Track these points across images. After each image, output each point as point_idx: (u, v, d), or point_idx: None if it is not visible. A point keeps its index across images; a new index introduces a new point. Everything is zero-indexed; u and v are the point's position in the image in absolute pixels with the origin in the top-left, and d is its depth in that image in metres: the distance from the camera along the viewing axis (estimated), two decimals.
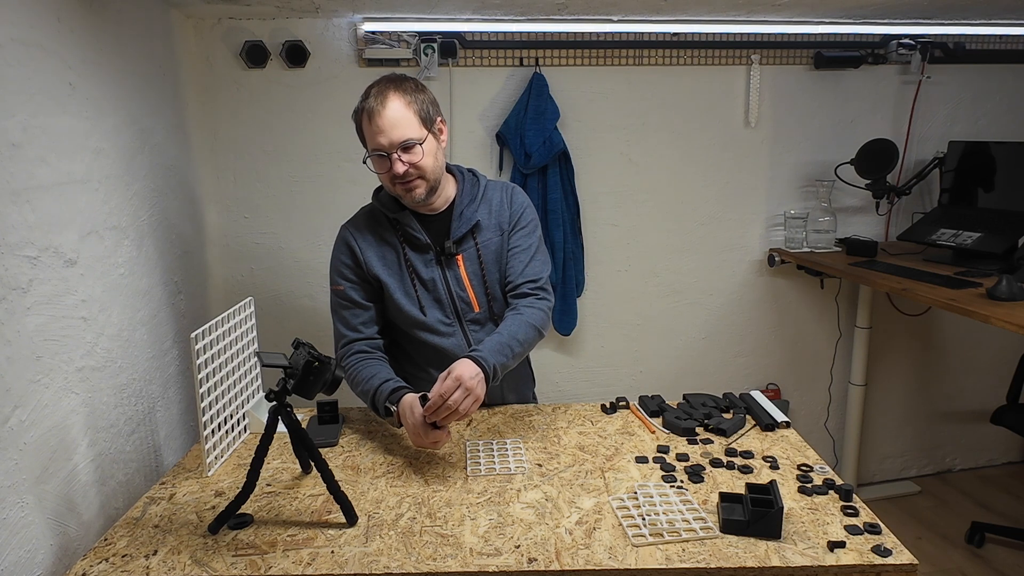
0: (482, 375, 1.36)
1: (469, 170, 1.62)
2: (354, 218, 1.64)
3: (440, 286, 1.55)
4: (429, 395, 1.34)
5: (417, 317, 1.55)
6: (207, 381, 1.37)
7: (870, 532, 1.17)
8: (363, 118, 1.46)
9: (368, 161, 1.50)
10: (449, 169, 1.60)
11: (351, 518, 1.21)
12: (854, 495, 1.28)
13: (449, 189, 1.58)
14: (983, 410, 2.95)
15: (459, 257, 1.56)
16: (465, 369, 1.34)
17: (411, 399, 1.41)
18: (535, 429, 1.59)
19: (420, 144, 1.44)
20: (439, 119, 1.51)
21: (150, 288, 1.75)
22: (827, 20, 2.50)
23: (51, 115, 1.33)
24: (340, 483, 1.23)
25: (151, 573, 1.10)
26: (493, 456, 1.46)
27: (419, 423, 1.36)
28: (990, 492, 2.96)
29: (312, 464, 1.27)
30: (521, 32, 2.41)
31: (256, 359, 1.63)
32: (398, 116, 1.42)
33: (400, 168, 1.43)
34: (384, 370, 1.53)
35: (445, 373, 1.34)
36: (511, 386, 1.71)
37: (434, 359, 1.57)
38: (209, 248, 2.34)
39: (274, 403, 1.22)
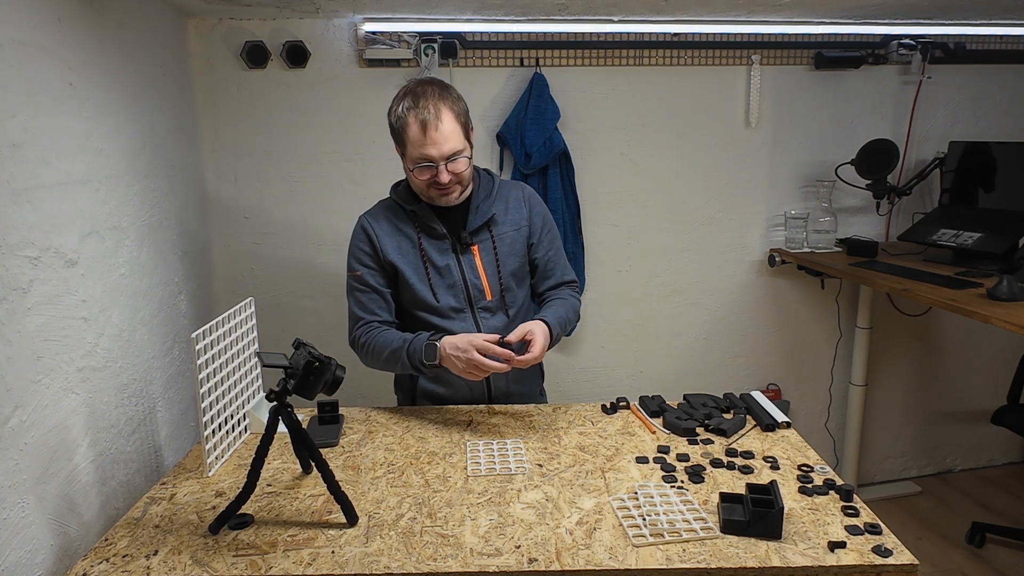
0: (549, 337, 1.54)
1: (484, 170, 1.72)
2: (372, 209, 1.70)
3: (455, 273, 1.62)
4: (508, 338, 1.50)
5: (430, 301, 1.61)
6: (208, 381, 1.37)
7: (871, 532, 1.17)
8: (412, 125, 1.50)
9: (406, 165, 1.57)
10: None
11: (351, 518, 1.21)
12: (855, 495, 1.28)
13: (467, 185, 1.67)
14: (983, 410, 2.94)
15: (475, 247, 1.64)
16: (539, 325, 1.53)
17: (457, 336, 1.52)
18: (535, 429, 1.59)
19: (465, 150, 1.55)
20: (471, 129, 1.61)
21: (151, 288, 1.75)
22: (827, 20, 2.50)
23: (52, 115, 1.33)
24: (340, 483, 1.23)
25: (152, 573, 1.10)
26: (493, 456, 1.46)
27: (472, 352, 1.46)
28: (990, 492, 2.96)
29: (312, 464, 1.28)
30: (521, 32, 2.41)
31: (256, 359, 1.63)
32: (450, 131, 1.50)
33: (445, 178, 1.52)
34: (408, 334, 1.60)
35: (522, 328, 1.51)
36: (515, 377, 1.70)
37: None
38: (209, 248, 2.35)
39: (275, 403, 1.22)
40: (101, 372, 1.46)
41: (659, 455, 1.46)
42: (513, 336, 1.51)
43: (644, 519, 1.20)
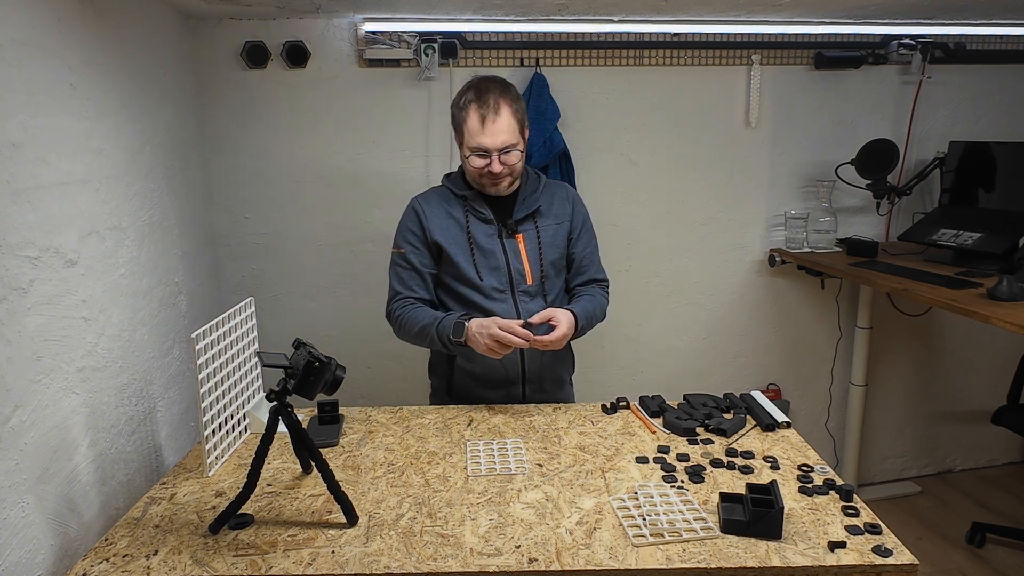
0: (574, 327, 1.63)
1: (533, 169, 1.83)
2: (424, 193, 1.80)
3: (499, 256, 1.71)
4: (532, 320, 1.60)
5: (474, 280, 1.69)
6: (208, 381, 1.37)
7: (871, 532, 1.17)
8: (472, 116, 1.62)
9: (463, 153, 1.67)
10: None
11: (351, 518, 1.21)
12: (855, 495, 1.28)
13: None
14: (984, 410, 2.94)
15: (519, 235, 1.73)
16: (565, 313, 1.62)
17: (482, 319, 1.60)
18: (536, 429, 1.59)
19: (518, 145, 1.65)
20: (527, 126, 1.72)
21: (151, 288, 1.75)
22: (827, 20, 2.50)
23: (52, 115, 1.33)
24: (341, 483, 1.23)
25: (152, 573, 1.10)
26: (494, 456, 1.46)
27: (494, 328, 1.55)
28: (991, 492, 2.96)
29: (313, 464, 1.28)
30: (522, 32, 2.41)
31: (256, 359, 1.63)
32: (505, 125, 1.62)
33: (497, 168, 1.63)
34: (440, 312, 1.70)
35: (547, 312, 1.61)
36: (548, 363, 1.77)
37: None
38: (209, 248, 2.34)
39: (275, 403, 1.22)
40: (101, 372, 1.46)
41: (659, 455, 1.46)
42: (536, 318, 1.60)
43: (644, 519, 1.20)
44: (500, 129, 1.61)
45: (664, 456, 1.45)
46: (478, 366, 1.72)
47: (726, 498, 1.22)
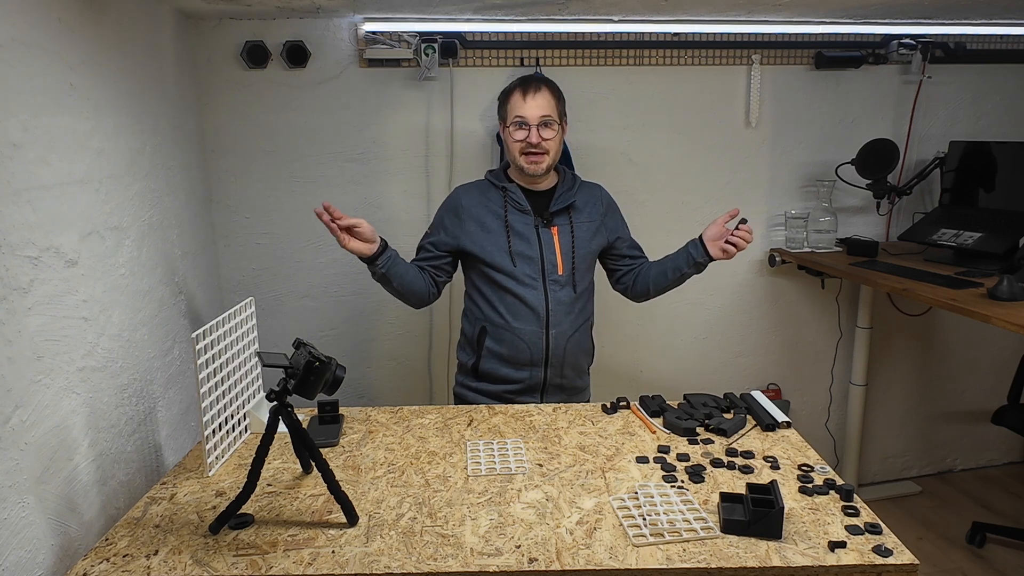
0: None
1: (570, 172, 1.94)
2: (467, 183, 1.93)
3: (534, 246, 1.81)
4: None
5: (508, 267, 1.79)
6: (208, 381, 1.37)
7: (871, 532, 1.17)
8: (516, 93, 1.78)
9: (508, 129, 1.80)
10: (556, 168, 1.91)
11: (352, 518, 1.21)
12: (855, 495, 1.28)
13: (552, 178, 1.89)
14: (984, 410, 2.94)
15: (554, 228, 1.83)
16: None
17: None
18: (536, 429, 1.59)
19: (555, 125, 1.77)
20: (566, 121, 1.87)
21: (151, 288, 1.75)
22: (828, 20, 2.50)
23: (52, 115, 1.33)
24: (341, 483, 1.23)
25: (152, 573, 1.10)
26: (494, 456, 1.46)
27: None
28: (991, 492, 2.96)
29: (313, 464, 1.28)
30: (522, 32, 2.40)
31: (257, 359, 1.63)
32: (545, 101, 1.77)
33: (535, 138, 1.75)
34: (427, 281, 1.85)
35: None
36: (572, 349, 1.84)
37: (514, 309, 1.80)
38: (210, 248, 2.34)
39: (275, 403, 1.22)
40: (101, 372, 1.46)
41: (659, 455, 1.46)
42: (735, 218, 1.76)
43: (644, 519, 1.20)
44: (539, 103, 1.75)
45: (664, 456, 1.45)
46: (505, 347, 1.82)
47: (726, 498, 1.22)
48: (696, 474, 1.36)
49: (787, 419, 1.59)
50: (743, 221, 1.75)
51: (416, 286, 1.81)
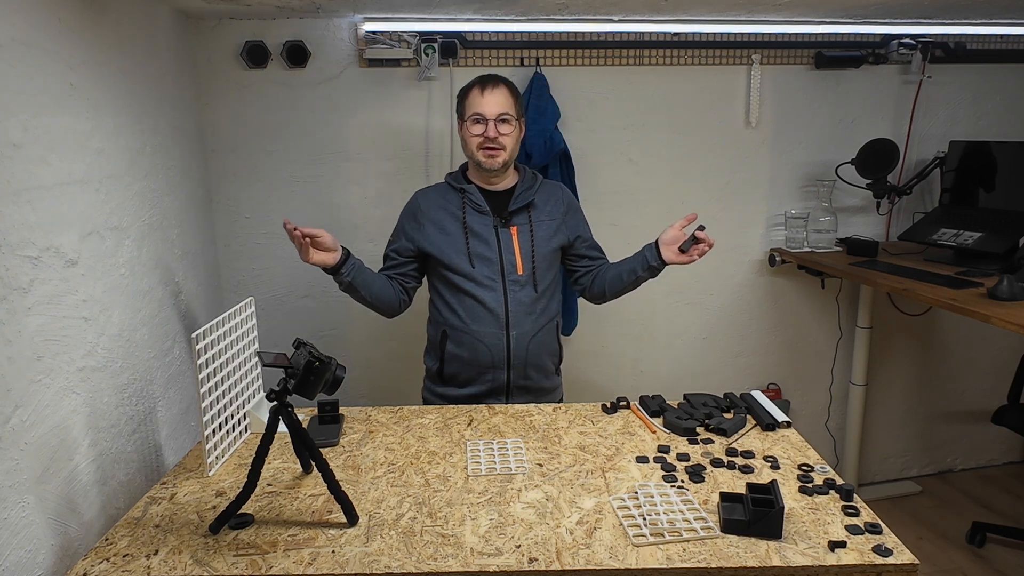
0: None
1: (531, 171, 1.93)
2: (427, 187, 1.93)
3: (493, 246, 1.80)
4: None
5: (466, 269, 1.78)
6: (208, 381, 1.37)
7: (871, 532, 1.17)
8: (474, 89, 1.79)
9: (465, 125, 1.80)
10: (515, 166, 1.90)
11: (352, 518, 1.21)
12: (855, 495, 1.28)
13: (512, 177, 1.88)
14: (984, 410, 2.94)
15: (513, 228, 1.82)
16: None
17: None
18: (536, 429, 1.59)
19: (512, 122, 1.78)
20: (523, 119, 1.88)
21: (151, 288, 1.75)
22: (828, 20, 2.50)
23: (52, 115, 1.33)
24: (341, 483, 1.23)
25: (152, 573, 1.10)
26: (494, 456, 1.46)
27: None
28: (991, 492, 2.96)
29: (313, 464, 1.28)
30: (522, 32, 2.40)
31: (257, 359, 1.63)
32: (503, 98, 1.78)
33: (493, 132, 1.75)
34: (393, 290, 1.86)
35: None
36: (534, 350, 1.82)
37: (473, 311, 1.79)
38: (210, 248, 2.34)
39: (275, 403, 1.22)
40: (101, 372, 1.46)
41: (659, 455, 1.46)
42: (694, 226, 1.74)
43: (644, 519, 1.20)
44: (497, 100, 1.76)
45: (664, 456, 1.45)
46: (466, 351, 1.80)
47: (726, 498, 1.22)
48: (696, 474, 1.36)
49: (787, 419, 1.59)
50: (700, 228, 1.71)
51: (385, 294, 1.82)
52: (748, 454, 1.45)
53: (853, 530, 1.17)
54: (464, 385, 1.84)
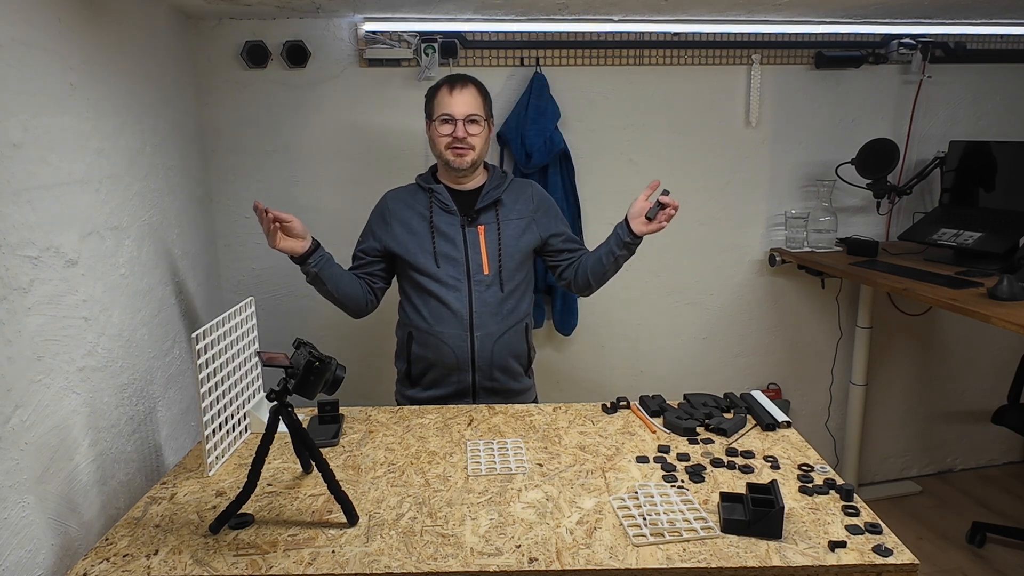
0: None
1: (500, 168, 1.92)
2: (395, 188, 1.92)
3: (459, 246, 1.79)
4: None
5: (431, 269, 1.78)
6: (208, 381, 1.37)
7: (871, 532, 1.17)
8: (442, 89, 1.78)
9: (433, 125, 1.78)
10: (485, 164, 1.89)
11: (352, 518, 1.21)
12: (855, 495, 1.28)
13: (481, 176, 1.87)
14: (984, 410, 2.94)
15: (481, 227, 1.80)
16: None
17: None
18: (536, 429, 1.59)
19: (481, 122, 1.77)
20: (491, 120, 1.86)
21: (151, 288, 1.75)
22: (828, 20, 2.50)
23: (52, 115, 1.33)
24: (341, 483, 1.23)
25: (152, 573, 1.10)
26: (494, 456, 1.46)
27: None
28: (991, 492, 2.96)
29: (313, 464, 1.28)
30: (522, 32, 2.40)
31: (257, 359, 1.63)
32: (472, 99, 1.77)
33: (462, 132, 1.74)
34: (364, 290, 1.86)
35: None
36: (499, 350, 1.80)
37: (437, 312, 1.78)
38: (210, 248, 2.34)
39: (275, 403, 1.22)
40: (101, 372, 1.46)
41: (659, 455, 1.46)
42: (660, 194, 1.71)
43: (644, 519, 1.20)
44: (466, 100, 1.75)
45: (664, 456, 1.45)
46: (430, 352, 1.80)
47: (726, 498, 1.22)
48: (696, 474, 1.36)
49: (787, 419, 1.59)
50: (664, 192, 1.69)
51: (352, 291, 1.81)
52: (748, 454, 1.45)
53: (853, 530, 1.17)
54: (430, 387, 1.83)
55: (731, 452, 1.45)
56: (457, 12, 2.26)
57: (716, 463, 1.41)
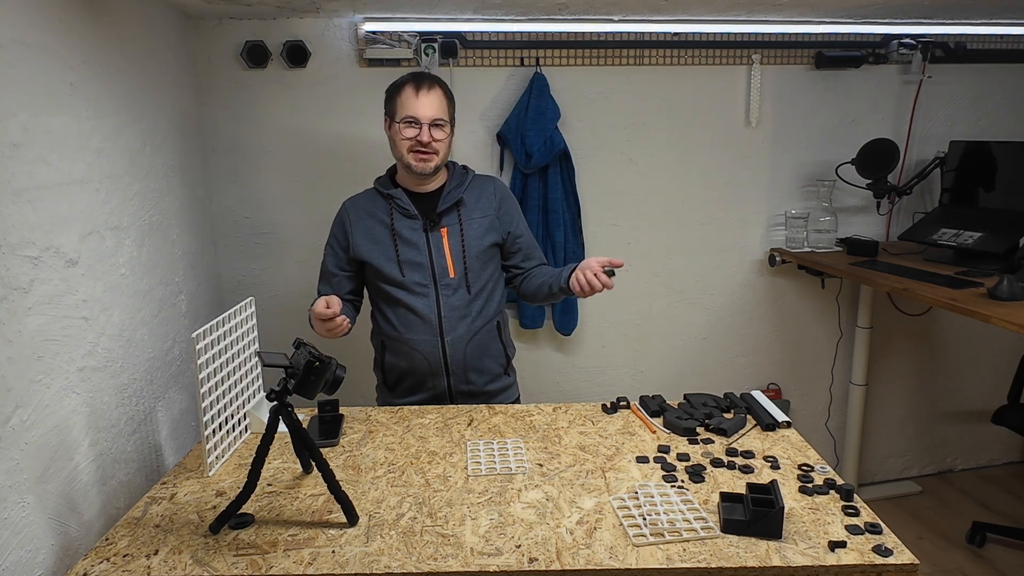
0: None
1: (461, 165, 1.86)
2: (355, 195, 1.87)
3: (423, 251, 1.75)
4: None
5: (397, 277, 1.74)
6: (208, 381, 1.37)
7: (871, 532, 1.17)
8: (407, 88, 1.69)
9: (396, 126, 1.71)
10: (446, 165, 1.83)
11: (352, 518, 1.21)
12: (855, 495, 1.28)
13: (442, 177, 1.81)
14: (984, 410, 2.94)
15: (444, 229, 1.76)
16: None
17: (316, 302, 1.64)
18: (536, 429, 1.59)
19: (446, 127, 1.72)
20: (454, 120, 1.80)
21: (151, 288, 1.75)
22: (828, 20, 2.50)
23: (52, 115, 1.33)
24: (341, 483, 1.23)
25: (152, 573, 1.10)
26: (494, 456, 1.46)
27: (316, 307, 1.61)
28: (991, 492, 2.96)
29: (313, 464, 1.28)
30: (522, 32, 2.40)
31: (257, 359, 1.63)
32: (438, 101, 1.70)
33: (426, 137, 1.68)
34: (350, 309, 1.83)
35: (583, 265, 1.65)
36: (473, 352, 1.78)
37: (406, 320, 1.76)
38: (209, 248, 2.34)
39: (275, 403, 1.22)
40: (101, 372, 1.46)
41: (659, 455, 1.46)
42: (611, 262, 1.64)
43: (644, 519, 1.20)
44: (432, 103, 1.68)
45: (664, 456, 1.45)
46: (403, 360, 1.79)
47: (726, 498, 1.22)
48: (696, 474, 1.36)
49: (787, 419, 1.59)
50: (611, 273, 1.62)
51: (353, 319, 1.80)
52: (748, 454, 1.45)
53: (853, 530, 1.17)
54: (406, 394, 1.83)
55: (731, 452, 1.45)
56: (457, 12, 2.26)
57: (716, 463, 1.41)
